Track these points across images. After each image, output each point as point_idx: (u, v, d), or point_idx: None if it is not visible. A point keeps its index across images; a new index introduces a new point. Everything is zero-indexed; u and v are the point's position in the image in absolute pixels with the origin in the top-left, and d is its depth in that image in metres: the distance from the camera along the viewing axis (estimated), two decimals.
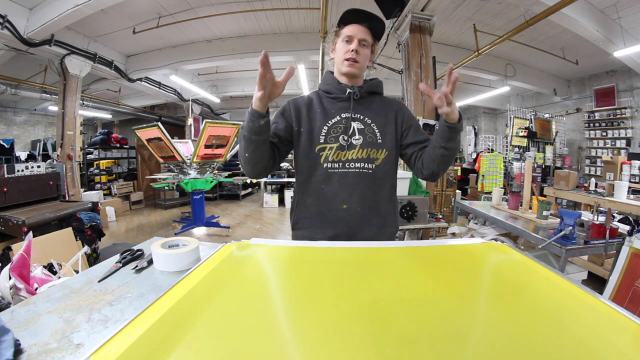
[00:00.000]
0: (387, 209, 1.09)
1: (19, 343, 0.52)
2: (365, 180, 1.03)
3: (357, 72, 1.05)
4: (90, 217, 3.08)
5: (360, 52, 1.02)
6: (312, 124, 1.06)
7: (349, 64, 1.03)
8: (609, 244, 1.74)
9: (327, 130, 1.04)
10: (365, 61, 1.05)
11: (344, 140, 1.03)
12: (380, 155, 1.05)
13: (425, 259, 0.74)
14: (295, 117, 1.07)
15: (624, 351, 0.41)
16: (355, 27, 1.02)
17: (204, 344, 0.42)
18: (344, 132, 1.04)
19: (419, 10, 3.48)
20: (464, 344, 0.43)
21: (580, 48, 5.12)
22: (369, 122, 1.06)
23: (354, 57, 1.02)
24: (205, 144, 4.30)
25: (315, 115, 1.06)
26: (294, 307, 0.53)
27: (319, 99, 1.10)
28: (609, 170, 4.13)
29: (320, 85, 1.15)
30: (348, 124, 1.04)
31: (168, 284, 0.59)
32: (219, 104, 9.10)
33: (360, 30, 1.02)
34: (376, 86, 1.13)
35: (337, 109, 1.06)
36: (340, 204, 1.02)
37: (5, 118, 7.98)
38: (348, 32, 1.02)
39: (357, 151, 1.03)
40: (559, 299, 0.54)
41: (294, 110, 1.08)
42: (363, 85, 1.09)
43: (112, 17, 4.39)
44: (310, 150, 1.04)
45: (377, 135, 1.05)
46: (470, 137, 9.86)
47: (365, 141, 1.03)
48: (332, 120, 1.05)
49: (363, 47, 1.03)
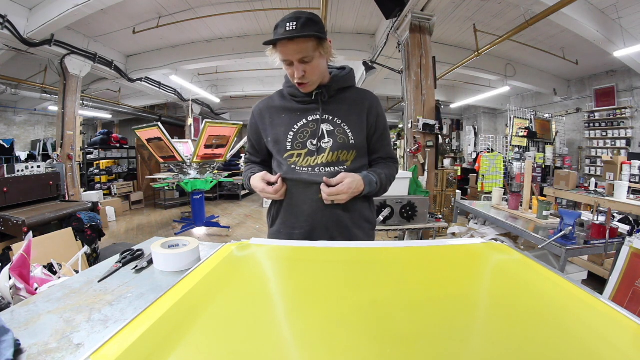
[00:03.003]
0: (359, 204, 1.04)
1: (19, 343, 0.52)
2: None
3: (313, 87, 0.96)
4: (90, 217, 3.09)
5: (307, 70, 0.90)
6: (277, 131, 1.00)
7: (302, 87, 0.94)
8: (609, 244, 1.74)
9: (292, 136, 0.98)
10: (319, 72, 0.93)
11: (312, 145, 0.97)
12: (350, 157, 1.00)
13: (425, 258, 0.74)
14: (261, 127, 1.04)
15: (624, 351, 0.41)
16: (286, 47, 0.87)
17: (204, 344, 0.42)
18: (311, 137, 0.98)
19: (419, 10, 3.48)
20: (464, 343, 0.43)
21: (580, 48, 5.12)
22: (339, 123, 0.98)
23: (302, 82, 0.92)
24: (205, 144, 4.30)
25: (280, 121, 1.00)
26: (294, 307, 0.53)
27: (282, 100, 1.03)
28: (609, 170, 4.13)
29: (283, 84, 1.05)
30: (316, 127, 0.98)
31: (168, 284, 0.59)
32: (219, 104, 9.11)
33: (293, 49, 0.87)
34: (345, 80, 1.02)
35: (303, 112, 0.99)
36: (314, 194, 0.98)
37: (5, 118, 7.98)
38: (282, 57, 0.89)
39: (327, 155, 0.97)
40: (559, 299, 0.54)
41: (259, 119, 1.05)
42: (331, 84, 0.99)
43: (112, 17, 4.39)
44: (279, 157, 1.01)
45: (348, 136, 0.98)
46: (470, 137, 9.86)
47: (336, 143, 0.97)
48: (298, 125, 0.99)
49: (307, 64, 0.90)
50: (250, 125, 1.09)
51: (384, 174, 1.04)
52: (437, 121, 3.57)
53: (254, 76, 7.43)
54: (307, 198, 0.99)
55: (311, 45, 0.87)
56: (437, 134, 3.61)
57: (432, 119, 3.55)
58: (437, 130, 3.57)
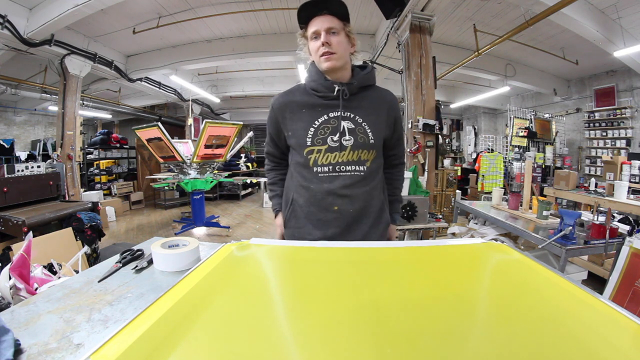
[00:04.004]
0: (377, 205, 1.06)
1: (19, 343, 0.52)
2: (357, 183, 0.99)
3: (338, 64, 0.97)
4: (90, 217, 3.08)
5: (332, 42, 0.94)
6: (297, 126, 1.01)
7: (326, 57, 0.95)
8: (609, 244, 1.74)
9: (313, 132, 0.99)
10: (343, 48, 0.97)
11: (332, 141, 0.98)
12: (370, 157, 1.01)
13: (425, 259, 0.74)
14: (281, 121, 1.05)
15: (624, 351, 0.41)
16: (316, 20, 0.95)
17: (204, 344, 0.42)
18: (332, 133, 0.98)
19: (419, 10, 3.47)
20: (464, 343, 0.43)
21: (580, 48, 5.12)
22: (360, 121, 0.99)
23: (327, 50, 0.94)
24: (205, 144, 4.30)
25: (300, 116, 1.01)
26: (293, 307, 0.53)
27: (304, 95, 1.03)
28: (609, 170, 4.12)
29: (306, 79, 1.06)
30: (337, 124, 0.98)
31: (168, 284, 0.59)
32: (219, 104, 9.11)
33: (322, 20, 0.94)
34: (368, 79, 1.04)
35: (325, 107, 1.00)
36: (331, 205, 0.99)
37: (5, 118, 7.98)
38: (312, 29, 0.96)
39: (348, 153, 0.98)
40: (559, 299, 0.54)
41: (279, 113, 1.05)
42: (352, 81, 1.01)
43: (112, 17, 4.38)
44: (300, 153, 1.01)
45: (369, 135, 0.99)
46: (470, 137, 9.86)
47: (357, 142, 0.98)
48: (319, 120, 0.99)
49: (334, 35, 0.95)
50: (270, 118, 1.09)
51: (397, 190, 1.19)
52: (437, 121, 3.57)
53: (254, 76, 7.43)
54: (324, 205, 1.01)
55: (338, 21, 0.96)
56: (437, 134, 3.61)
57: (432, 119, 3.55)
58: (437, 130, 3.57)
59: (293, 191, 1.06)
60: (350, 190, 0.99)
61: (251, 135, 6.25)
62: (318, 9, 0.95)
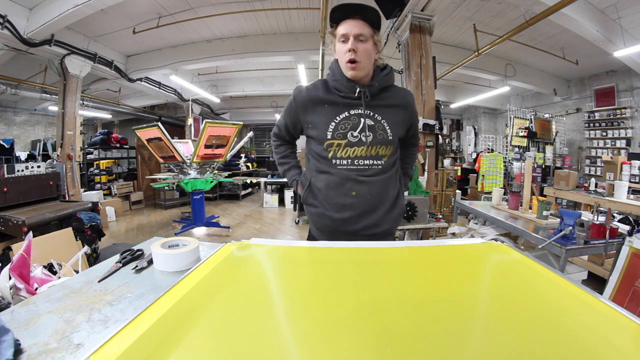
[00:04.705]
0: (393, 192, 1.10)
1: (19, 343, 0.52)
2: (374, 175, 1.04)
3: (361, 74, 1.01)
4: (90, 217, 3.08)
5: (359, 49, 0.97)
6: (318, 120, 1.05)
7: (351, 67, 0.98)
8: (609, 244, 1.74)
9: (334, 127, 1.03)
10: (368, 57, 1.00)
11: (352, 136, 1.02)
12: (388, 152, 1.06)
13: (425, 259, 0.74)
14: (301, 114, 1.08)
15: (624, 351, 0.41)
16: (348, 23, 0.97)
17: (204, 344, 0.42)
18: (352, 129, 1.02)
19: (419, 10, 3.47)
20: (464, 344, 0.43)
21: (580, 48, 5.12)
22: (380, 119, 1.04)
23: (353, 58, 0.97)
24: (205, 144, 4.30)
25: (322, 111, 1.05)
26: (293, 307, 0.53)
27: (326, 92, 1.06)
28: (609, 170, 4.12)
29: (328, 77, 1.09)
30: (358, 120, 1.03)
31: (168, 284, 0.59)
32: (219, 104, 9.10)
33: (354, 25, 0.96)
34: (387, 81, 1.08)
35: (346, 105, 1.04)
36: (349, 190, 1.03)
37: (5, 118, 7.98)
38: (342, 31, 0.98)
39: (367, 148, 1.02)
40: (559, 299, 0.54)
41: (300, 106, 1.08)
42: (373, 83, 1.04)
43: (112, 17, 4.38)
44: (319, 146, 1.05)
45: (387, 132, 1.04)
46: (470, 137, 9.86)
47: (376, 139, 1.03)
48: (340, 116, 1.03)
49: (361, 43, 0.97)
50: (289, 109, 1.12)
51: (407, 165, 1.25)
52: (437, 121, 3.57)
53: (254, 76, 7.43)
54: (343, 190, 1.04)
55: (369, 28, 0.98)
56: (437, 134, 3.61)
57: (432, 119, 3.55)
58: (437, 130, 3.57)
59: (311, 175, 1.10)
60: (368, 177, 1.03)
61: (251, 135, 6.25)
62: (353, 12, 0.96)
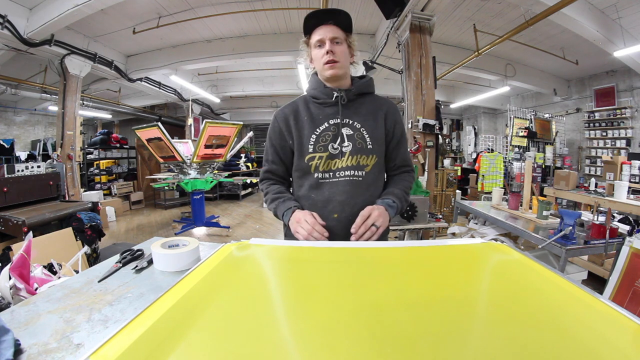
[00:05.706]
0: None
1: (19, 343, 0.52)
2: (355, 189, 1.01)
3: (340, 72, 1.01)
4: (90, 217, 3.08)
5: (336, 51, 0.99)
6: (301, 134, 1.04)
7: (329, 66, 0.99)
8: (609, 244, 1.74)
9: (315, 139, 1.02)
10: (345, 58, 1.02)
11: (333, 148, 1.01)
12: (370, 162, 1.03)
13: (425, 259, 0.74)
14: (285, 131, 1.06)
15: (624, 351, 0.41)
16: (322, 29, 0.99)
17: (204, 344, 0.42)
18: (333, 140, 1.02)
19: (419, 10, 3.47)
20: (464, 344, 0.43)
21: (580, 48, 5.12)
22: (359, 127, 1.03)
23: (332, 58, 0.98)
24: (205, 144, 4.30)
25: (303, 124, 1.04)
26: (293, 307, 0.53)
27: (305, 105, 1.07)
28: (609, 170, 4.12)
29: (307, 89, 1.11)
30: (337, 131, 1.02)
31: (168, 284, 0.59)
32: (219, 104, 9.10)
33: (328, 30, 0.99)
34: (366, 86, 1.08)
35: (325, 115, 1.03)
36: (331, 213, 1.01)
37: (5, 118, 7.98)
38: (317, 37, 0.99)
39: (347, 159, 1.01)
40: (559, 299, 0.54)
41: (283, 123, 1.07)
42: (351, 88, 1.05)
43: (112, 17, 4.38)
44: (301, 160, 1.04)
45: (366, 141, 1.02)
46: (470, 137, 9.86)
47: (355, 147, 1.01)
48: (320, 128, 1.02)
49: (337, 45, 0.99)
50: (273, 130, 1.10)
51: (397, 190, 1.07)
52: (437, 121, 3.57)
53: (254, 76, 7.43)
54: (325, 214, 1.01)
55: (341, 32, 1.00)
56: (437, 134, 3.61)
57: (432, 119, 3.55)
58: (437, 130, 3.57)
59: (296, 197, 1.09)
60: (350, 197, 1.01)
61: (251, 135, 6.25)
62: (325, 18, 0.99)
